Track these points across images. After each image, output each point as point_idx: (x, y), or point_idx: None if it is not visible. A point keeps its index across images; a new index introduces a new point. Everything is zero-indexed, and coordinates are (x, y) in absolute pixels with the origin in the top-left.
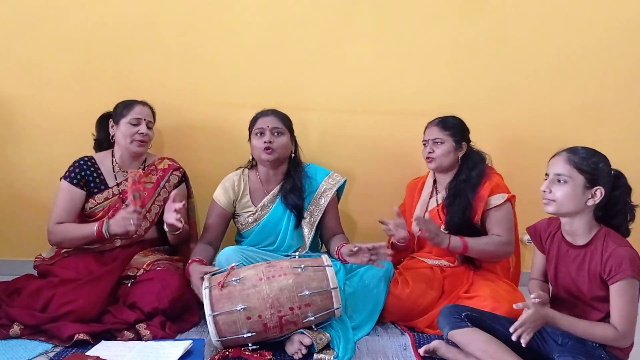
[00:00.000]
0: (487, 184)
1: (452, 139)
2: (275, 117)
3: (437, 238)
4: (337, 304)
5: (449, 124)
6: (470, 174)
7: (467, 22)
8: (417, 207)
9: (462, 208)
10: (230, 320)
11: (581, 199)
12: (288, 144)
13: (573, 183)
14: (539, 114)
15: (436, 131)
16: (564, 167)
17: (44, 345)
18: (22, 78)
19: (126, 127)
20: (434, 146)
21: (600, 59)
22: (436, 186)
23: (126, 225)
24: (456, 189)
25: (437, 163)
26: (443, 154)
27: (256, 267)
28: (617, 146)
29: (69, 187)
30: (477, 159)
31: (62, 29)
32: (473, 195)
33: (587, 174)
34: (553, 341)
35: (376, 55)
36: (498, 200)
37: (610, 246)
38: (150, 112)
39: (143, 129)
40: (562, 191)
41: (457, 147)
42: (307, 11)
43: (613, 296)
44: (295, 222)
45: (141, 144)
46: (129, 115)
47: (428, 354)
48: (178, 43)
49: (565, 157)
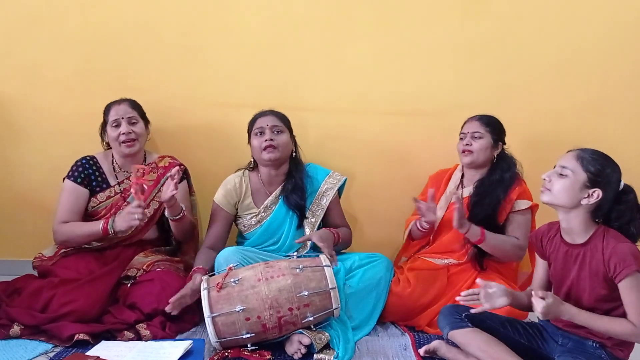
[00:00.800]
0: (517, 188)
1: (491, 136)
2: (274, 116)
3: (462, 220)
4: (336, 304)
5: (489, 121)
6: (504, 176)
7: (467, 22)
8: (442, 199)
9: (491, 207)
10: (229, 321)
11: (577, 195)
12: (289, 142)
13: (574, 178)
14: (540, 114)
15: (476, 125)
16: (570, 161)
17: (44, 346)
18: (23, 78)
19: (110, 130)
20: (472, 140)
21: (601, 58)
22: (463, 181)
23: (131, 220)
24: (488, 187)
25: (473, 157)
26: (481, 149)
27: (255, 268)
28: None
29: (73, 186)
30: (510, 163)
31: (62, 29)
32: (504, 196)
33: (590, 173)
34: (553, 341)
35: (376, 55)
36: (523, 205)
37: (610, 243)
38: (129, 108)
39: (124, 128)
40: (560, 184)
41: (493, 145)
42: (307, 11)
43: (624, 293)
44: (298, 222)
45: (129, 143)
46: (109, 119)
47: (428, 354)
48: (178, 43)
49: (576, 153)
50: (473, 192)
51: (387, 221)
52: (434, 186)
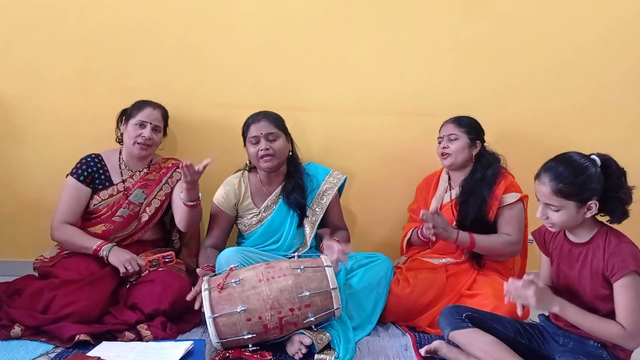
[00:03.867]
0: (502, 182)
1: (467, 136)
2: (267, 122)
3: (446, 232)
4: (337, 304)
5: (463, 122)
6: (486, 173)
7: (467, 22)
8: (432, 202)
9: (477, 205)
10: (231, 322)
11: (578, 216)
12: (285, 147)
13: (566, 209)
14: (540, 114)
15: (451, 128)
16: (551, 199)
17: (45, 346)
18: (23, 79)
19: (132, 128)
20: (449, 142)
21: (601, 58)
22: (450, 183)
23: (124, 264)
24: (471, 186)
25: (452, 159)
26: (457, 150)
27: (256, 269)
28: (618, 145)
29: (75, 184)
30: (491, 159)
31: (63, 30)
32: (489, 193)
33: (576, 197)
34: (554, 341)
35: (376, 55)
36: (511, 199)
37: (612, 243)
38: (160, 116)
39: (147, 132)
40: (558, 217)
41: (471, 145)
42: (307, 12)
43: (617, 293)
44: (298, 221)
45: (143, 147)
46: (137, 117)
47: (429, 355)
48: (179, 44)
49: (549, 186)
50: (459, 193)
51: (387, 221)
52: (423, 194)
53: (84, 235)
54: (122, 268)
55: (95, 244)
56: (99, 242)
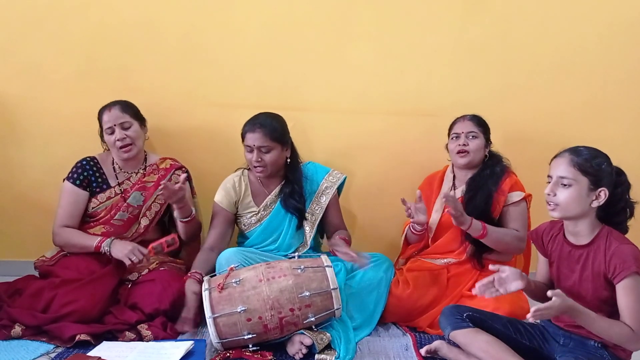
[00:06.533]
0: (508, 179)
1: (484, 136)
2: (261, 134)
3: (462, 217)
4: (338, 304)
5: (481, 121)
6: (494, 169)
7: (468, 22)
8: (437, 200)
9: (484, 200)
10: (231, 322)
11: (586, 201)
12: (278, 158)
13: (577, 186)
14: (541, 114)
15: (471, 125)
16: (567, 170)
17: (45, 346)
18: (24, 79)
19: (106, 137)
20: (469, 140)
21: (601, 57)
22: (455, 182)
23: (128, 255)
24: (479, 182)
25: (470, 157)
26: (477, 149)
27: (256, 269)
28: (618, 145)
29: (72, 189)
30: (499, 158)
31: (64, 29)
32: (496, 187)
33: (591, 176)
34: (555, 341)
35: (377, 55)
36: (516, 197)
37: (613, 244)
38: (120, 112)
39: (118, 134)
40: (566, 194)
41: (486, 145)
42: (308, 12)
43: (620, 295)
44: (297, 223)
45: (125, 149)
46: (104, 125)
47: (430, 355)
48: (179, 44)
49: (568, 159)
50: (466, 190)
51: (387, 221)
52: (427, 192)
53: (83, 235)
54: (127, 260)
55: (95, 241)
56: (99, 238)
